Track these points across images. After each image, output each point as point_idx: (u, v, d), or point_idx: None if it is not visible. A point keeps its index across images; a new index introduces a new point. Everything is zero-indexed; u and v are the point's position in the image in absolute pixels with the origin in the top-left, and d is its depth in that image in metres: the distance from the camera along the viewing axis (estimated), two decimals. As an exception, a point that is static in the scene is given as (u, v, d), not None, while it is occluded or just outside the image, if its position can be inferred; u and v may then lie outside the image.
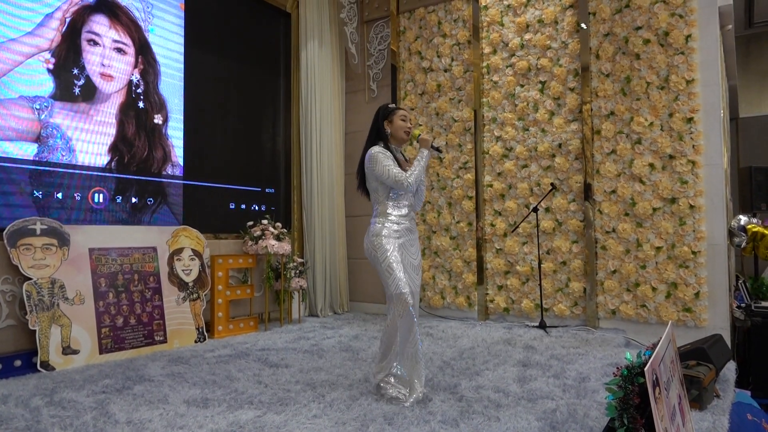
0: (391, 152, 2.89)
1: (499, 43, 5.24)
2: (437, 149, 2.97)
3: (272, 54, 5.85)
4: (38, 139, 3.79)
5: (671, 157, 4.38)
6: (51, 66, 3.86)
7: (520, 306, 5.03)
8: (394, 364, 2.76)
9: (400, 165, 2.88)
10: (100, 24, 4.17)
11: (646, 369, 1.57)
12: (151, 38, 4.56)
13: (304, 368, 3.43)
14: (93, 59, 4.13)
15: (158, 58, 4.60)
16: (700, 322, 4.20)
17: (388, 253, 2.77)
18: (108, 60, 4.23)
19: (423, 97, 5.73)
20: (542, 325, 4.63)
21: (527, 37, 5.09)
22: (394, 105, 3.03)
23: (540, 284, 4.77)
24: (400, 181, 2.79)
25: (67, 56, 3.96)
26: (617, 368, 1.76)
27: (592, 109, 4.74)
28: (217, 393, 2.87)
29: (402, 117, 2.94)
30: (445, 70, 5.58)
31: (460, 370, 3.35)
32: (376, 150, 2.86)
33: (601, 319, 4.65)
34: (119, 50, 4.31)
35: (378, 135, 2.95)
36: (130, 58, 4.39)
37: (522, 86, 5.12)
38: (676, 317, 4.28)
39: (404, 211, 2.90)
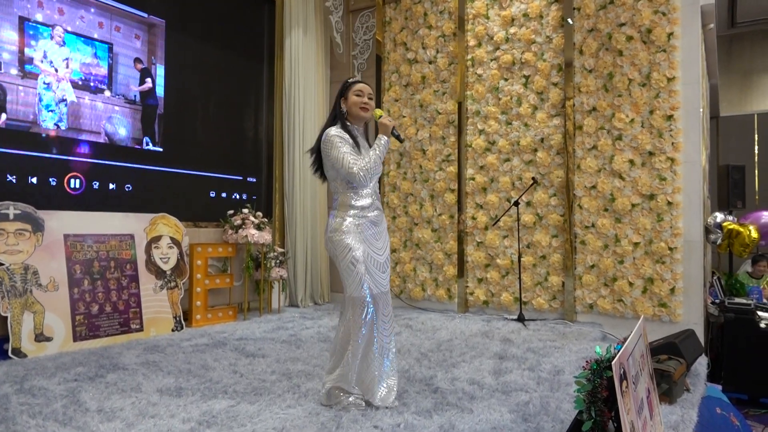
0: (350, 134, 2.58)
1: (484, 36, 5.23)
2: (398, 137, 2.64)
3: (255, 41, 5.77)
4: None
5: (651, 153, 4.41)
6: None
7: (499, 299, 5.06)
8: (351, 374, 2.49)
9: (360, 150, 2.59)
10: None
11: (613, 363, 1.58)
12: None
13: (280, 358, 3.41)
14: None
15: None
16: (675, 317, 4.26)
17: (349, 251, 2.48)
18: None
19: (407, 88, 5.71)
20: (521, 318, 4.67)
21: (512, 30, 5.09)
22: (355, 78, 2.72)
23: (519, 278, 4.80)
24: (352, 173, 2.48)
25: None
26: (587, 362, 1.78)
27: (574, 105, 4.76)
28: (192, 382, 2.85)
29: (357, 92, 2.60)
30: (430, 62, 5.56)
31: (436, 362, 3.36)
32: (333, 132, 2.53)
33: (579, 313, 4.70)
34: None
35: (336, 114, 2.65)
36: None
37: (506, 80, 5.12)
38: (651, 312, 4.34)
39: (367, 201, 2.58)
